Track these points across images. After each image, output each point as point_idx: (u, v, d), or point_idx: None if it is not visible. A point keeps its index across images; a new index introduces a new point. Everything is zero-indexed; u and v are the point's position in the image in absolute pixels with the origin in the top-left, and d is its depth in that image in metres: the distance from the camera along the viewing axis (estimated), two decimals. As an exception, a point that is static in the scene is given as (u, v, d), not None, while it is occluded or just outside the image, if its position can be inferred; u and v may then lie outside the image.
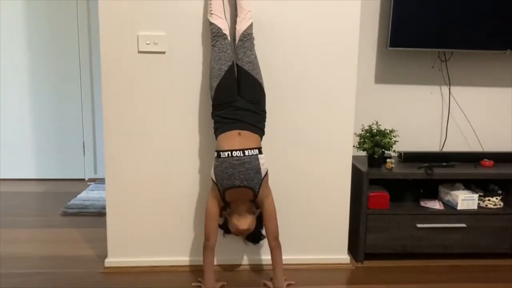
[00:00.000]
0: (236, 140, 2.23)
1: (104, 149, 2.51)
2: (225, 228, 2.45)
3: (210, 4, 2.32)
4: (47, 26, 4.21)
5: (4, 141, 4.36)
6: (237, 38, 2.32)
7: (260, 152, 2.26)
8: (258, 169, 2.22)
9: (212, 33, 2.31)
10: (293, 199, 2.61)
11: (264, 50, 2.41)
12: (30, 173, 4.42)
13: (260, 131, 2.32)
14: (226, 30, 2.31)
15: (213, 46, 2.31)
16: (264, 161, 2.26)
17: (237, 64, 2.32)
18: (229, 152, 2.21)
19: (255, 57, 2.33)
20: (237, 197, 2.27)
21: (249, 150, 2.22)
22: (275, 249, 2.34)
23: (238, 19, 2.32)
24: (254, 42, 2.34)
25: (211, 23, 2.31)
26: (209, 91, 2.46)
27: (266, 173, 2.28)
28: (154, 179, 2.56)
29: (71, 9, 4.21)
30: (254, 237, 2.49)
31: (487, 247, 2.74)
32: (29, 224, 3.29)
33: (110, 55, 2.42)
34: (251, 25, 2.32)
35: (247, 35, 2.31)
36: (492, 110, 3.13)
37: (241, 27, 2.31)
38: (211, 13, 2.31)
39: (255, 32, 2.35)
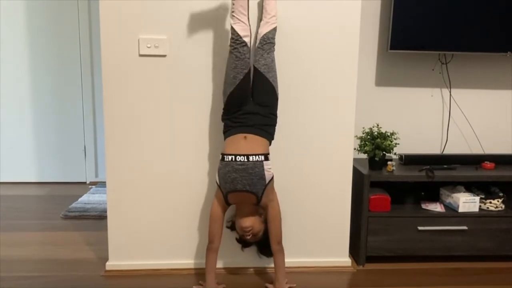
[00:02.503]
0: (241, 145, 2.23)
1: (105, 152, 2.52)
2: (243, 242, 2.48)
3: (233, 4, 2.23)
4: (48, 29, 4.22)
5: (6, 144, 4.37)
6: (258, 41, 2.31)
7: (266, 159, 2.25)
8: (262, 175, 2.22)
9: (231, 39, 2.26)
10: (294, 201, 2.61)
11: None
12: (31, 176, 4.42)
13: (268, 135, 2.31)
14: (247, 37, 2.25)
15: (231, 52, 2.27)
16: (270, 167, 2.26)
17: (253, 66, 2.31)
18: (233, 156, 2.21)
19: (272, 60, 2.31)
20: (240, 201, 2.28)
21: (254, 156, 2.21)
22: (278, 253, 2.34)
23: (262, 22, 2.32)
24: (275, 47, 2.34)
25: (231, 27, 2.25)
26: (210, 94, 2.47)
27: (271, 178, 2.28)
28: (155, 182, 2.56)
29: (72, 10, 4.21)
30: (267, 250, 2.49)
31: (489, 250, 2.73)
32: (30, 227, 3.29)
33: (111, 58, 2.43)
34: (274, 29, 2.31)
35: (267, 39, 2.29)
36: (493, 112, 3.13)
37: (262, 30, 2.30)
38: (233, 15, 2.24)
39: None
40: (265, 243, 2.45)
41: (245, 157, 2.20)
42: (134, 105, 2.48)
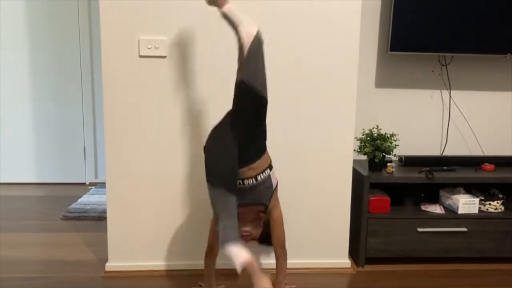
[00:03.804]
0: (247, 172, 2.08)
1: (105, 153, 2.52)
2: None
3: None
4: (47, 30, 4.22)
5: (5, 145, 4.37)
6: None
7: (271, 168, 2.17)
8: (270, 185, 2.16)
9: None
10: (293, 203, 2.61)
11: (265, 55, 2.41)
12: (31, 177, 4.42)
13: (265, 147, 2.16)
14: None
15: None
16: (274, 173, 2.20)
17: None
18: (240, 181, 2.08)
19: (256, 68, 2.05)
20: (247, 211, 2.21)
21: (261, 174, 2.10)
22: (281, 257, 2.32)
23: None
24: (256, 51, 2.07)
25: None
26: (211, 95, 2.47)
27: (277, 184, 2.24)
28: (154, 184, 2.56)
29: (72, 11, 4.21)
30: (267, 239, 2.37)
31: (488, 251, 2.74)
32: (29, 228, 3.29)
33: (111, 59, 2.43)
34: (251, 43, 2.00)
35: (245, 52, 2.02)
36: (493, 114, 3.13)
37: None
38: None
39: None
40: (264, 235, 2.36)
41: (253, 179, 2.10)
42: (134, 106, 2.48)
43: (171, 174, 2.55)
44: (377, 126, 2.78)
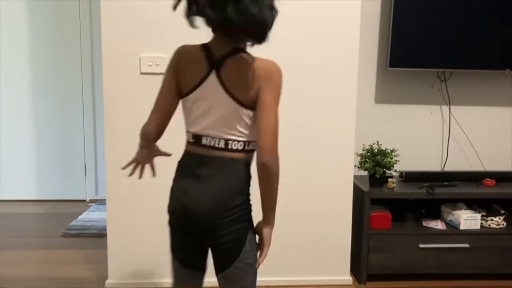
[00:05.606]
0: None
1: (105, 170, 2.52)
2: None
3: None
4: (49, 42, 4.23)
5: (5, 162, 4.36)
6: None
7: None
8: None
9: None
10: (294, 219, 2.60)
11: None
12: (31, 194, 4.41)
13: None
14: None
15: None
16: None
17: None
18: None
19: None
20: None
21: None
22: (267, 169, 1.54)
23: None
24: None
25: None
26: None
27: None
28: (155, 200, 2.55)
29: (73, 15, 4.22)
30: None
31: (491, 268, 2.71)
32: (30, 245, 3.28)
33: (112, 76, 2.44)
34: None
35: None
36: (493, 129, 3.13)
37: None
38: None
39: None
40: None
41: None
42: (135, 123, 2.48)
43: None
44: (378, 142, 2.78)
